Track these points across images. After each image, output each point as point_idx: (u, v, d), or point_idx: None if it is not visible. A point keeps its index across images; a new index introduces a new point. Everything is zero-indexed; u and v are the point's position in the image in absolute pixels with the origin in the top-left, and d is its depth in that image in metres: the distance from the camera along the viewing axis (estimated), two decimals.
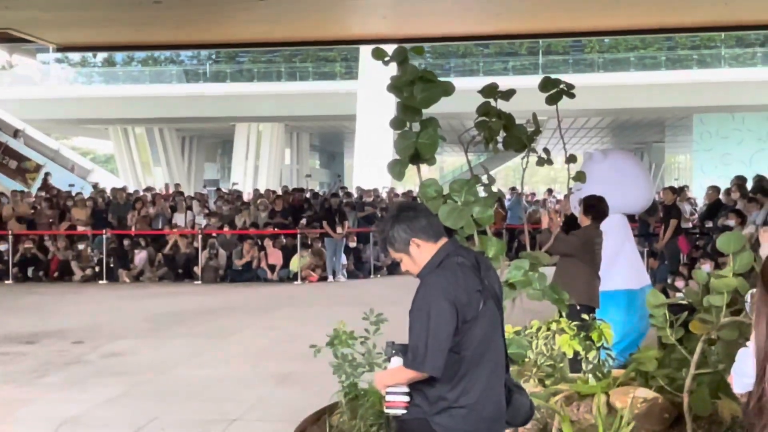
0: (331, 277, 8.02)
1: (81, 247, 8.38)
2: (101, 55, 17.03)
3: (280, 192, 10.27)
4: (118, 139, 18.05)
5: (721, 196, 6.92)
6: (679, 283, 4.75)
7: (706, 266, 4.23)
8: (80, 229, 8.64)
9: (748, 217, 5.45)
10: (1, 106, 13.28)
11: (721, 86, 14.01)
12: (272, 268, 8.01)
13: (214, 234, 8.49)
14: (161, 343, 4.67)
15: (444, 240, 1.16)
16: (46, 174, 11.17)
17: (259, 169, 16.69)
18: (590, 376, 2.11)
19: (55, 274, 8.18)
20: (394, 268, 7.57)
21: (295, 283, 7.76)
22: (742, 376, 0.86)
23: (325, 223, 7.92)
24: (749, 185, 6.84)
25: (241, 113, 15.43)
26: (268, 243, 8.14)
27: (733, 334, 1.94)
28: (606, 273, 2.75)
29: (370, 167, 13.16)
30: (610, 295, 2.86)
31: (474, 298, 1.08)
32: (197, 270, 8.03)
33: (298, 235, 7.97)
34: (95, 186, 11.70)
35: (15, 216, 8.42)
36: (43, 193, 9.88)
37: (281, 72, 16.38)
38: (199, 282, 7.84)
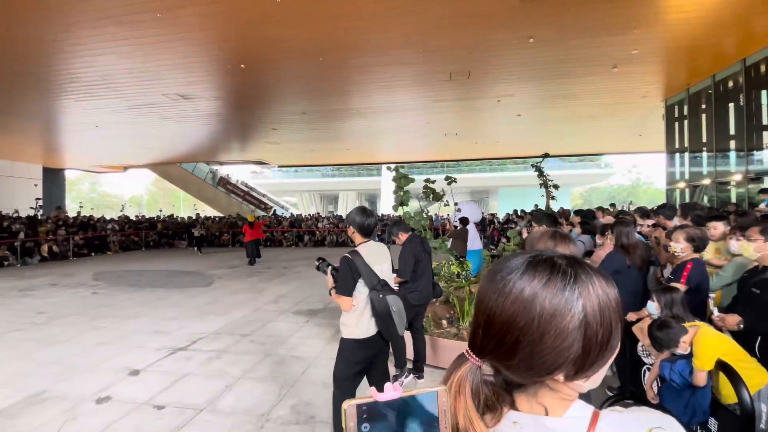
0: None
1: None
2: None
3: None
4: (300, 197, 41.56)
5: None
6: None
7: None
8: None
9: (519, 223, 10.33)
10: (256, 185, 29.11)
11: (507, 179, 32.59)
12: None
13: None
14: None
15: (411, 232, 3.95)
16: (274, 210, 25.30)
17: (347, 208, 33.71)
18: (463, 280, 5.65)
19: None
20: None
21: None
22: None
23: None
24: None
25: (341, 188, 38.68)
26: None
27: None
28: (470, 243, 6.47)
29: (387, 206, 26.91)
30: (471, 251, 6.57)
31: (420, 252, 3.65)
32: None
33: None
34: (292, 214, 23.77)
35: (260, 224, 13.12)
36: (272, 215, 22.67)
37: (357, 173, 35.82)
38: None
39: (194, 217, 21.00)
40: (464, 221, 6.47)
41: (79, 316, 6.06)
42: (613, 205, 13.01)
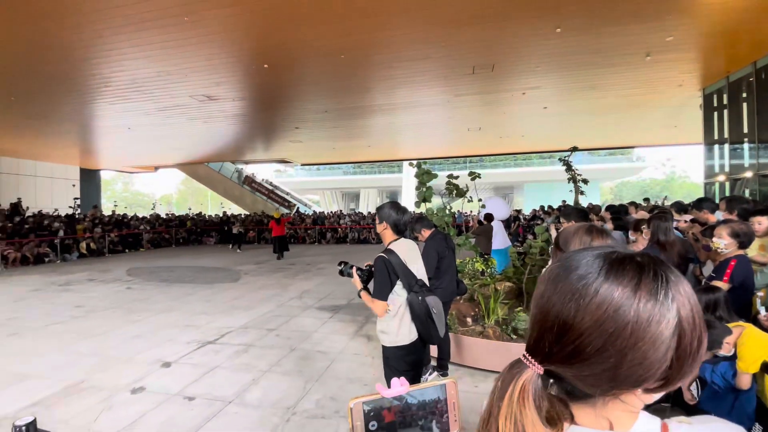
0: None
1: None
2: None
3: (375, 212, 21.82)
4: (323, 195, 42.71)
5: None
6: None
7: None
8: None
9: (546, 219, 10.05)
10: (280, 183, 30.05)
11: (532, 174, 32.37)
12: None
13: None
14: None
15: (433, 228, 4.05)
16: (297, 207, 25.40)
17: (369, 205, 38.78)
18: (488, 277, 5.54)
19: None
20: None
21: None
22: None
23: None
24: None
25: (362, 186, 38.98)
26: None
27: (540, 262, 5.43)
28: (495, 241, 6.34)
29: (408, 203, 28.40)
30: (495, 250, 6.43)
31: (443, 248, 3.62)
32: None
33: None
34: (314, 212, 24.41)
35: (285, 220, 13.79)
36: (294, 212, 22.82)
37: (377, 170, 36.65)
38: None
39: (228, 215, 21.67)
40: (488, 218, 6.35)
41: (114, 310, 6.33)
42: (646, 199, 12.50)
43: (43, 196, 19.30)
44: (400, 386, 0.55)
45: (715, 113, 10.30)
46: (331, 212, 22.64)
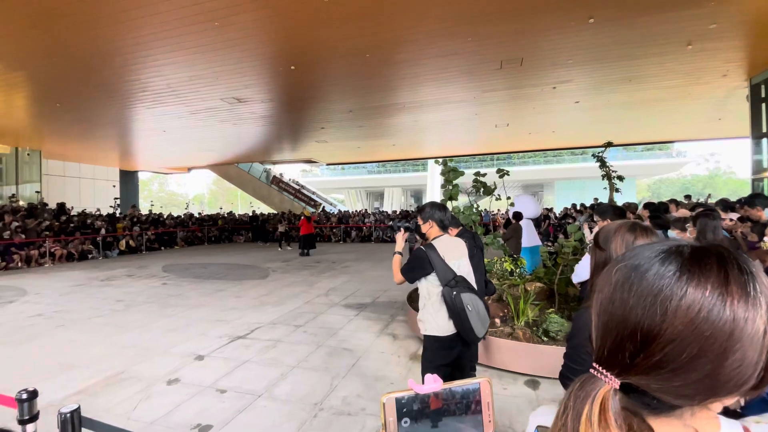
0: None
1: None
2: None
3: (398, 211, 23.06)
4: (347, 194, 43.17)
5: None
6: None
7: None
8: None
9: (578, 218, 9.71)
10: (306, 182, 30.84)
11: (564, 171, 31.39)
12: None
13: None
14: None
15: (461, 227, 3.99)
16: (323, 206, 25.17)
17: (393, 204, 39.26)
18: (517, 277, 5.41)
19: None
20: None
21: None
22: (577, 276, 2.75)
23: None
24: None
25: (387, 185, 39.53)
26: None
27: (573, 262, 5.23)
28: (525, 240, 6.17)
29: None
30: (524, 249, 6.26)
31: (471, 247, 3.34)
32: None
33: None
34: (340, 210, 24.12)
35: (313, 218, 14.83)
36: (320, 211, 22.77)
37: (402, 169, 37.06)
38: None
39: (257, 214, 22.33)
40: (517, 216, 6.19)
41: (151, 305, 6.61)
42: (687, 196, 11.84)
43: (87, 196, 20.46)
44: (434, 383, 0.53)
45: (763, 104, 9.62)
46: (356, 211, 22.82)
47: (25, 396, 1.54)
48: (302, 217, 13.56)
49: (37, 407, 1.59)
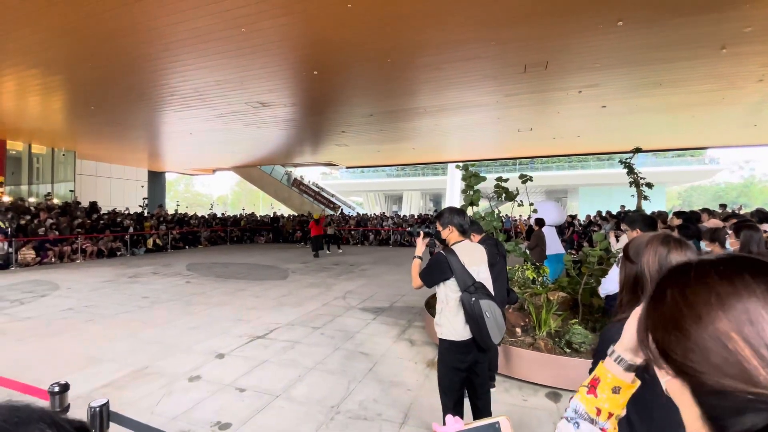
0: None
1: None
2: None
3: (416, 215, 23.41)
4: (366, 197, 43.98)
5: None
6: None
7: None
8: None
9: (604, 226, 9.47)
10: (325, 185, 31.87)
11: (589, 177, 30.94)
12: None
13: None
14: None
15: (483, 233, 4.05)
16: (341, 209, 26.91)
17: (411, 208, 38.75)
18: (540, 286, 5.29)
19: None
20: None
21: None
22: (603, 290, 2.84)
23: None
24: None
25: (406, 188, 39.76)
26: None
27: (598, 272, 5.07)
28: (547, 247, 6.04)
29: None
30: (549, 256, 6.11)
31: (494, 254, 3.65)
32: None
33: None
34: (358, 213, 25.90)
35: (328, 220, 15.67)
36: (339, 213, 24.16)
37: (421, 173, 37.23)
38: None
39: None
40: (539, 223, 6.06)
41: (175, 302, 6.79)
42: (723, 205, 11.36)
43: (117, 195, 21.27)
44: (455, 423, 0.55)
45: None
46: (374, 214, 22.88)
47: (57, 389, 1.60)
48: (311, 220, 13.92)
49: (67, 400, 1.65)
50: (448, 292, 2.28)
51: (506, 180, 5.19)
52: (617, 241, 4.58)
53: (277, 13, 6.08)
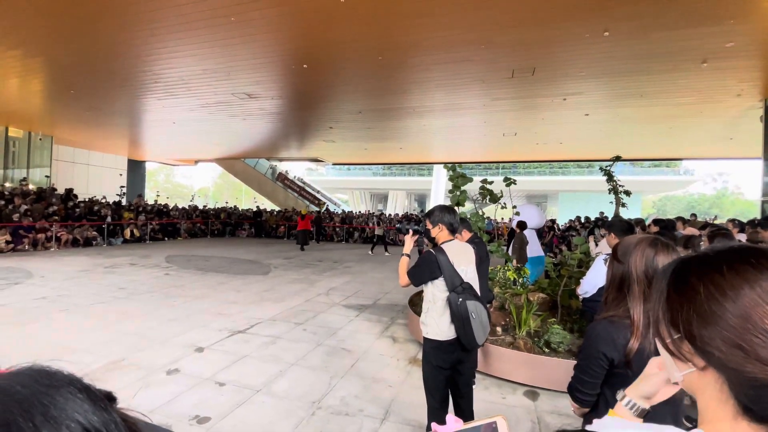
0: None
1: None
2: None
3: (401, 214, 22.83)
4: (351, 195, 43.59)
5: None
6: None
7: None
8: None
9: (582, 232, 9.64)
10: (311, 181, 31.67)
11: (569, 183, 31.92)
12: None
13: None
14: None
15: (473, 233, 4.31)
16: (327, 205, 25.82)
17: (396, 207, 39.52)
18: (520, 287, 5.40)
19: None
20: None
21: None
22: (581, 290, 3.22)
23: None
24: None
25: (391, 187, 39.58)
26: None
27: (577, 274, 5.22)
28: (528, 250, 6.17)
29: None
30: (529, 258, 6.25)
31: (479, 255, 4.25)
32: None
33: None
34: (344, 211, 24.77)
35: (309, 217, 15.22)
36: (323, 210, 22.53)
37: (407, 173, 37.19)
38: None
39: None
40: (521, 225, 6.18)
41: (153, 294, 6.65)
42: (694, 215, 11.80)
43: (94, 183, 20.61)
44: (455, 423, 0.58)
45: None
46: (360, 212, 22.89)
47: None
48: (298, 216, 14.57)
49: None
50: (436, 292, 2.28)
51: (491, 182, 5.27)
52: (596, 245, 4.72)
53: (269, 4, 6.01)
